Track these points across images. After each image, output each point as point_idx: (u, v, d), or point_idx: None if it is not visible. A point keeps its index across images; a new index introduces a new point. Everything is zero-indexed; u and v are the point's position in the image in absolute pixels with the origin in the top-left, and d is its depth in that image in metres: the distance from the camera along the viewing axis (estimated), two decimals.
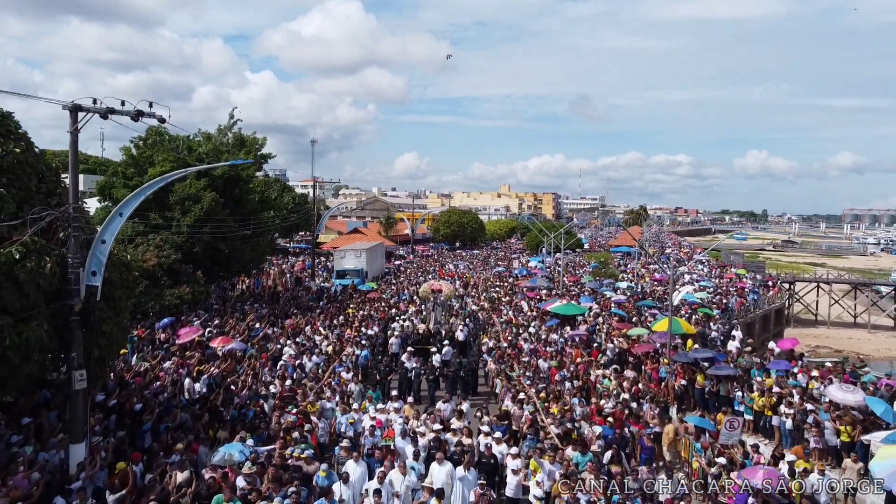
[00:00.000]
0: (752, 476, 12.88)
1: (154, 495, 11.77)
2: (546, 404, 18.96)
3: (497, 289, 45.25)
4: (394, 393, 20.37)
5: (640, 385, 21.38)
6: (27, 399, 15.70)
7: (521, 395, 19.40)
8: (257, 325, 29.03)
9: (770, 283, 56.06)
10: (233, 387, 20.00)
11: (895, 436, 14.67)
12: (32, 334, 12.51)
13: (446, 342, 25.86)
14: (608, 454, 14.95)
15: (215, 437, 15.79)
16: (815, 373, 21.18)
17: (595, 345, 26.37)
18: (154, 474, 12.88)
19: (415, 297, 37.01)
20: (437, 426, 16.33)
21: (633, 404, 19.75)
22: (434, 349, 25.04)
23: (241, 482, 12.19)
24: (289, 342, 25.64)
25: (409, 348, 24.79)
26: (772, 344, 28.38)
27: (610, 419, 17.51)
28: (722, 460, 14.84)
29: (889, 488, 12.83)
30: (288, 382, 20.15)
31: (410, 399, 19.46)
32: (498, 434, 15.63)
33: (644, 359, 24.20)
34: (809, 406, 18.18)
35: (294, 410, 17.17)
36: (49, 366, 14.53)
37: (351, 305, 35.65)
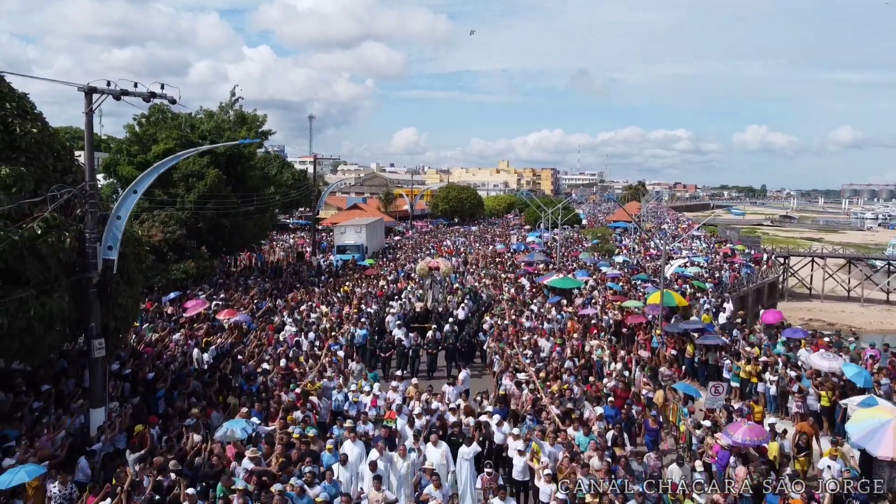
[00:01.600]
0: (734, 431, 13.69)
1: (172, 455, 12.59)
2: (546, 384, 18.94)
3: (496, 266, 45.75)
4: (398, 373, 20.45)
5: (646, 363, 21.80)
6: (47, 368, 16.51)
7: (521, 375, 19.36)
8: (260, 300, 29.80)
9: (759, 258, 56.71)
10: (240, 356, 20.84)
11: (871, 400, 15.54)
12: (54, 305, 13.25)
13: (451, 320, 25.91)
14: (610, 434, 14.85)
15: (226, 403, 16.58)
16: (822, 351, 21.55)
17: (594, 321, 26.82)
18: (171, 436, 13.67)
19: (412, 275, 37.46)
20: (436, 405, 16.53)
21: (626, 372, 20.58)
22: (434, 326, 25.10)
23: (248, 464, 12.41)
24: (289, 319, 26.12)
25: (398, 322, 25.24)
26: (762, 312, 29.33)
27: (611, 398, 17.63)
28: (707, 423, 15.71)
29: (862, 447, 13.70)
30: (283, 362, 20.32)
31: (415, 380, 19.29)
32: (497, 417, 15.63)
33: (637, 330, 25.03)
34: (793, 373, 19.04)
35: (296, 390, 17.23)
36: (68, 336, 15.27)
37: (347, 283, 35.99)
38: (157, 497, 11.18)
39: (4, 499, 10.82)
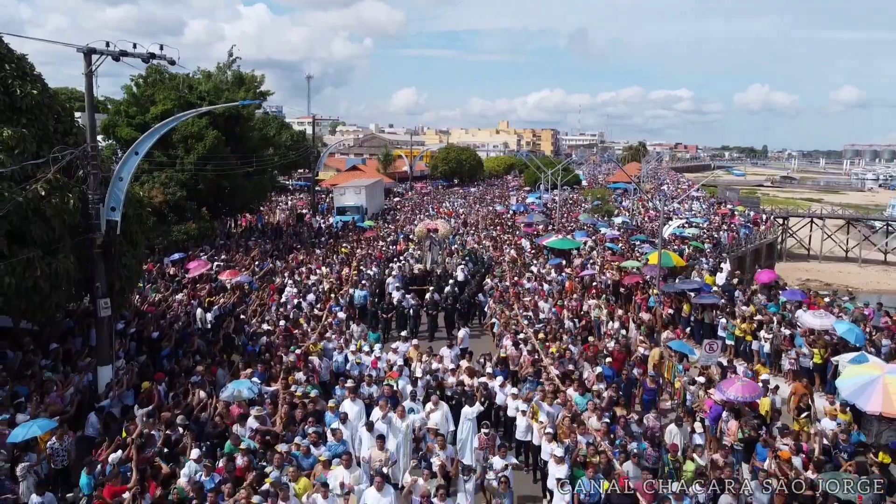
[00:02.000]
0: (728, 387, 14.03)
1: (179, 410, 12.95)
2: (546, 345, 18.93)
3: (496, 227, 45.81)
4: (403, 334, 20.54)
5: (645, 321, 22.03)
6: (54, 327, 16.82)
7: (521, 335, 19.42)
8: (261, 261, 30.03)
9: (758, 219, 56.81)
10: (242, 316, 21.14)
11: (862, 357, 15.89)
12: (60, 265, 13.50)
13: (451, 282, 25.86)
14: (608, 394, 14.89)
15: (230, 361, 16.90)
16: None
17: (594, 283, 26.88)
18: (177, 392, 14.02)
19: (412, 237, 37.18)
20: (436, 366, 16.63)
21: (623, 331, 20.91)
22: (432, 288, 25.09)
23: (252, 423, 12.57)
24: (289, 281, 26.27)
25: (397, 284, 25.37)
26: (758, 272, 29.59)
27: (609, 359, 17.80)
28: (701, 379, 16.06)
29: (852, 402, 14.08)
30: (282, 323, 20.42)
31: (414, 341, 19.26)
32: (500, 378, 15.67)
33: (634, 289, 25.31)
34: (787, 331, 19.36)
35: (297, 351, 17.28)
36: (74, 295, 15.52)
37: (344, 245, 35.97)
38: (165, 450, 11.55)
39: (18, 451, 11.20)
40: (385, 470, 11.16)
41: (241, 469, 10.91)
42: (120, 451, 10.97)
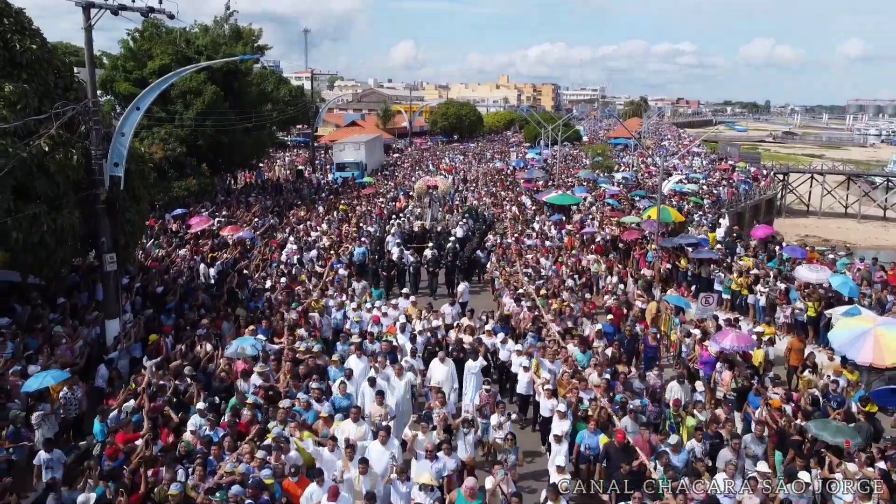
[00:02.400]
0: (723, 338, 14.36)
1: (187, 361, 13.27)
2: (548, 301, 18.95)
3: (496, 183, 45.72)
4: (405, 291, 20.43)
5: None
6: (60, 282, 17.07)
7: (521, 291, 19.46)
8: (261, 217, 30.17)
9: (757, 175, 56.70)
10: (245, 271, 21.39)
11: (854, 310, 16.18)
12: (66, 220, 13.66)
13: (452, 239, 25.91)
14: (609, 351, 14.89)
15: (235, 315, 17.18)
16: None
17: (598, 240, 26.77)
18: (184, 344, 14.32)
19: (411, 193, 36.99)
20: (436, 323, 16.68)
21: (621, 286, 21.17)
22: (430, 245, 25.12)
23: (256, 380, 12.68)
24: (291, 238, 26.29)
25: (397, 241, 25.45)
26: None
27: (609, 316, 17.90)
28: (697, 332, 16.37)
29: (843, 354, 14.43)
30: (283, 280, 20.39)
31: (412, 298, 19.14)
32: (501, 334, 15.69)
33: (633, 244, 25.54)
34: (783, 285, 19.62)
35: (298, 308, 17.25)
36: (79, 250, 15.73)
37: (343, 201, 35.94)
38: (174, 399, 11.88)
39: (32, 401, 11.55)
40: (384, 424, 11.34)
41: (244, 424, 11.08)
42: (133, 400, 11.31)
